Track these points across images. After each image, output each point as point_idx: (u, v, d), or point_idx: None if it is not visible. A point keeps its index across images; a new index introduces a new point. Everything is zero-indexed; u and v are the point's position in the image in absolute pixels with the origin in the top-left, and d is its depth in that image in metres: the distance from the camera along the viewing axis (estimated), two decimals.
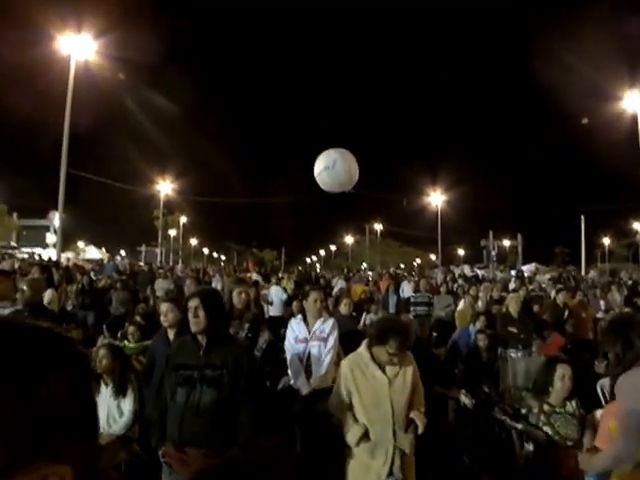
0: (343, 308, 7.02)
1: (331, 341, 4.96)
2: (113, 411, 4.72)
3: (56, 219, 26.70)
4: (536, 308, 9.58)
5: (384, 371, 3.71)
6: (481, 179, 62.37)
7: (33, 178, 52.84)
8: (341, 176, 4.09)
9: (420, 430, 3.64)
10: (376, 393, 3.69)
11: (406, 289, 13.81)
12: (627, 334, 3.02)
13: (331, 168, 3.88)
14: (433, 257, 58.04)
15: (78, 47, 21.08)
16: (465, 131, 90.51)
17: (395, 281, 14.44)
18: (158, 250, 45.04)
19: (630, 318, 3.42)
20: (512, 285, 16.55)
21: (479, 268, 33.64)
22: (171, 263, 35.90)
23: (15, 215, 49.26)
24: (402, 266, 55.81)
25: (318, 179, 4.09)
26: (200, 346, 3.33)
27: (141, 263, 31.06)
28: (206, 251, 72.82)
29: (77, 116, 22.31)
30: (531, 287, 15.92)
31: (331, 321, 5.13)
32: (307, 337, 5.00)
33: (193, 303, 3.37)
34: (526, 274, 27.10)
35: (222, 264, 40.86)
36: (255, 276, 16.66)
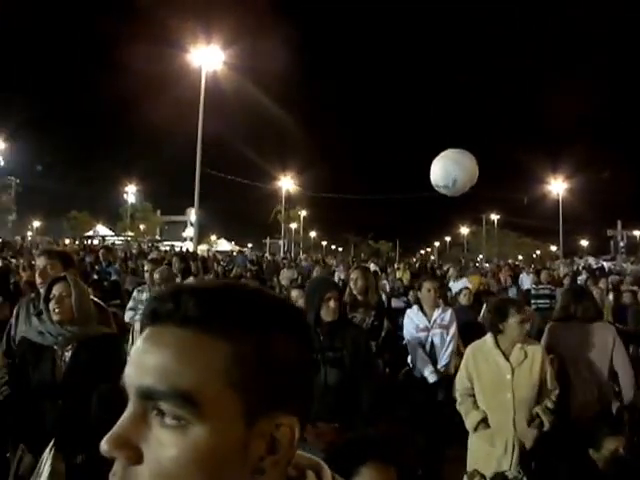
0: (462, 298, 7.00)
1: (452, 329, 5.00)
2: None
3: (192, 215, 29.99)
4: None
5: (508, 359, 3.63)
6: (607, 164, 57.58)
7: (172, 179, 59.04)
8: (464, 188, 4.03)
9: (545, 427, 3.56)
10: (497, 380, 3.64)
11: (525, 281, 13.65)
12: None
13: (451, 187, 3.91)
14: (554, 248, 55.49)
15: (208, 58, 23.35)
16: (587, 114, 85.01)
17: (514, 272, 14.26)
18: (281, 242, 48.01)
19: None
20: None
21: (605, 260, 31.88)
22: (293, 254, 38.33)
23: (159, 212, 56.26)
24: (520, 258, 53.31)
25: (438, 190, 4.06)
26: (320, 330, 3.43)
27: (267, 254, 33.66)
28: (324, 243, 74.91)
29: (209, 121, 24.71)
30: None
31: (449, 310, 5.19)
32: (428, 326, 5.01)
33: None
34: None
35: (341, 255, 42.46)
36: (373, 266, 17.28)
